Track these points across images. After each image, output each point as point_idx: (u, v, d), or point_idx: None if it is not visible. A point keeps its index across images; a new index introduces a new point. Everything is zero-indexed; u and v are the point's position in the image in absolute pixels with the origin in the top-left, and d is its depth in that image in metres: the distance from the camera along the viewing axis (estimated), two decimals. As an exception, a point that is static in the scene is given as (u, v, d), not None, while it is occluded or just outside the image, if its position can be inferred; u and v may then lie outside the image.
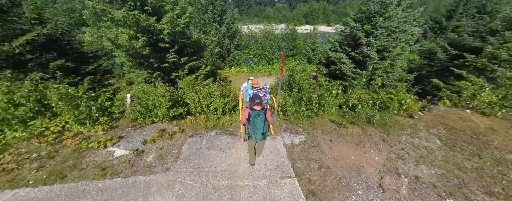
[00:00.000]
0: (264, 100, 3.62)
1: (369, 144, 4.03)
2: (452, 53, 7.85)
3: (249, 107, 2.70)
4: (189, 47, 7.39)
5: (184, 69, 7.36)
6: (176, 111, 4.72)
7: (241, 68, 14.09)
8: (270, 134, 4.28)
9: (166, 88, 5.09)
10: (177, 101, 5.28)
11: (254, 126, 2.58)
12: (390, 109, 5.38)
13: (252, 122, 2.59)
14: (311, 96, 5.17)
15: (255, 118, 2.54)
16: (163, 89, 5.09)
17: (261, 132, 2.61)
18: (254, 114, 2.54)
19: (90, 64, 7.63)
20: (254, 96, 2.77)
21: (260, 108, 2.60)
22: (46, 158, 3.67)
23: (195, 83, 7.49)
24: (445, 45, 8.03)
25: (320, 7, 43.70)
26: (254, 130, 2.63)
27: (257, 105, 2.61)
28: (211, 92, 5.75)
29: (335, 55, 7.90)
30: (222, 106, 5.43)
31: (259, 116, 2.52)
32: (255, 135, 2.66)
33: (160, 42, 6.27)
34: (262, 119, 2.54)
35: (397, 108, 5.30)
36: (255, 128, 2.60)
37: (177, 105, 5.02)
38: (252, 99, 2.74)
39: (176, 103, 5.13)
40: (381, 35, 7.12)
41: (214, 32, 12.80)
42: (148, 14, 5.93)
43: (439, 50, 8.04)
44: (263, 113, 2.56)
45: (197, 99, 5.34)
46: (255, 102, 2.63)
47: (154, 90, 5.18)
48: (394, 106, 5.34)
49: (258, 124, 2.54)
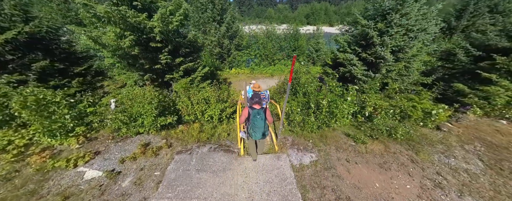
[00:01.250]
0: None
1: (396, 166, 3.23)
2: (475, 55, 6.98)
3: (248, 106, 2.64)
4: (185, 47, 6.64)
5: (179, 70, 6.62)
6: (165, 121, 3.98)
7: (242, 69, 13.32)
8: (274, 150, 3.51)
9: (154, 93, 4.34)
10: (166, 107, 4.54)
11: (254, 125, 2.53)
12: (412, 119, 4.56)
13: (252, 121, 2.53)
14: (320, 103, 4.38)
15: (255, 117, 2.49)
16: (151, 94, 4.35)
17: (261, 131, 2.56)
18: (253, 113, 2.49)
19: (80, 64, 6.95)
20: (254, 95, 2.71)
21: (259, 107, 2.55)
22: (2, 181, 2.97)
23: (191, 86, 6.77)
24: (467, 46, 7.16)
25: (321, 7, 42.40)
26: (254, 129, 2.57)
27: (257, 104, 2.56)
28: (206, 97, 5.01)
29: (344, 56, 7.07)
30: (219, 113, 4.68)
31: (259, 115, 2.48)
32: (255, 134, 2.60)
33: (151, 41, 5.53)
34: (262, 117, 2.50)
35: (421, 118, 4.47)
36: (255, 127, 2.54)
37: (166, 113, 4.28)
38: (252, 98, 2.69)
39: (165, 110, 4.39)
40: (397, 34, 6.29)
41: (214, 32, 12.06)
42: (138, 10, 5.22)
43: (460, 51, 7.15)
44: (263, 112, 2.52)
45: (190, 105, 4.59)
46: (254, 101, 2.59)
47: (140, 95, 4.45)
48: (417, 116, 4.51)
49: (259, 123, 2.50)
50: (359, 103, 4.89)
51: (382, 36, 6.40)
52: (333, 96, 4.45)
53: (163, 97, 5.15)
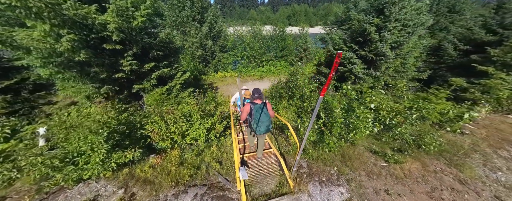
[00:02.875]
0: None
1: (447, 194, 2.41)
2: (463, 48, 6.90)
3: (250, 101, 2.56)
4: (157, 49, 5.22)
5: (150, 79, 5.17)
6: (122, 158, 2.62)
7: (229, 72, 12.05)
8: (290, 189, 2.45)
9: (105, 116, 2.93)
10: (127, 135, 3.15)
11: (258, 119, 2.42)
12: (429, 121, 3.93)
13: (255, 116, 2.45)
14: (332, 112, 3.47)
15: (257, 111, 2.42)
16: (103, 117, 2.93)
17: (266, 125, 2.45)
18: (256, 108, 2.42)
19: (7, 77, 5.04)
20: (254, 90, 2.63)
21: (260, 102, 2.50)
22: None
23: (168, 96, 5.37)
24: (454, 40, 7.07)
25: (301, 9, 43.23)
26: (258, 123, 2.44)
27: (258, 99, 2.50)
28: (187, 112, 3.74)
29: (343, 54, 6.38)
30: (205, 134, 3.46)
31: (261, 109, 2.41)
32: (259, 128, 2.46)
33: (105, 42, 4.05)
34: (265, 112, 2.44)
35: (441, 120, 3.86)
36: (260, 121, 2.42)
37: (127, 143, 2.91)
38: (253, 93, 2.62)
39: (126, 138, 3.02)
40: (395, 29, 5.78)
41: (195, 32, 10.59)
42: (83, 2, 3.72)
43: (449, 46, 7.01)
44: (265, 107, 2.45)
45: (164, 126, 3.28)
46: (255, 96, 2.52)
47: (90, 120, 3.01)
48: (434, 117, 3.89)
49: (263, 117, 2.42)
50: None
51: (380, 32, 5.84)
52: (352, 103, 3.53)
53: (126, 116, 3.73)
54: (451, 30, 7.62)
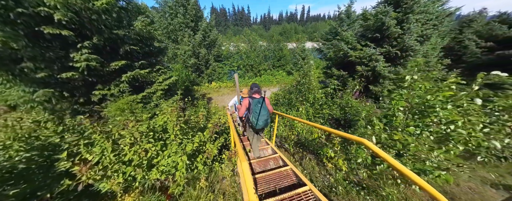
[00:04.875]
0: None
1: None
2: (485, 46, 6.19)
3: (248, 96, 2.44)
4: (130, 44, 3.91)
5: (119, 81, 3.75)
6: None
7: (224, 83, 10.83)
8: None
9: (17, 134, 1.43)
10: (36, 167, 1.60)
11: (257, 113, 2.30)
12: None
13: (254, 110, 2.32)
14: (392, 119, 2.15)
15: (256, 105, 2.29)
16: None
17: (264, 119, 2.33)
18: (254, 102, 2.32)
19: None
20: (252, 85, 2.52)
21: (259, 96, 2.39)
22: None
23: (142, 105, 3.88)
24: (473, 37, 6.41)
25: (291, 27, 46.41)
26: (257, 117, 2.31)
27: (256, 93, 2.41)
28: (161, 126, 2.27)
29: (358, 53, 5.33)
30: (187, 164, 1.94)
31: (260, 103, 2.29)
32: (258, 122, 2.32)
33: (45, 23, 2.72)
34: (263, 106, 2.30)
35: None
36: (259, 115, 2.30)
37: (45, 188, 1.36)
38: (251, 88, 2.51)
39: (33, 176, 1.48)
40: (418, 22, 4.95)
41: (187, 40, 9.62)
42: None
43: (471, 43, 6.28)
44: (263, 101, 2.32)
45: (110, 154, 1.76)
46: (253, 90, 2.44)
47: None
48: None
49: (261, 111, 2.28)
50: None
51: (402, 24, 4.98)
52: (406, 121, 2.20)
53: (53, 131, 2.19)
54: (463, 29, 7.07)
